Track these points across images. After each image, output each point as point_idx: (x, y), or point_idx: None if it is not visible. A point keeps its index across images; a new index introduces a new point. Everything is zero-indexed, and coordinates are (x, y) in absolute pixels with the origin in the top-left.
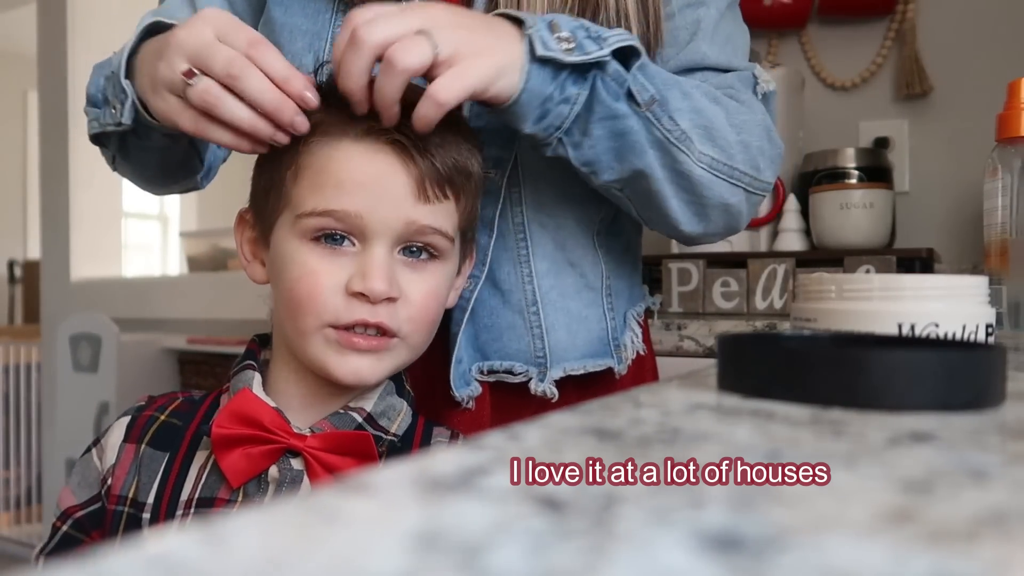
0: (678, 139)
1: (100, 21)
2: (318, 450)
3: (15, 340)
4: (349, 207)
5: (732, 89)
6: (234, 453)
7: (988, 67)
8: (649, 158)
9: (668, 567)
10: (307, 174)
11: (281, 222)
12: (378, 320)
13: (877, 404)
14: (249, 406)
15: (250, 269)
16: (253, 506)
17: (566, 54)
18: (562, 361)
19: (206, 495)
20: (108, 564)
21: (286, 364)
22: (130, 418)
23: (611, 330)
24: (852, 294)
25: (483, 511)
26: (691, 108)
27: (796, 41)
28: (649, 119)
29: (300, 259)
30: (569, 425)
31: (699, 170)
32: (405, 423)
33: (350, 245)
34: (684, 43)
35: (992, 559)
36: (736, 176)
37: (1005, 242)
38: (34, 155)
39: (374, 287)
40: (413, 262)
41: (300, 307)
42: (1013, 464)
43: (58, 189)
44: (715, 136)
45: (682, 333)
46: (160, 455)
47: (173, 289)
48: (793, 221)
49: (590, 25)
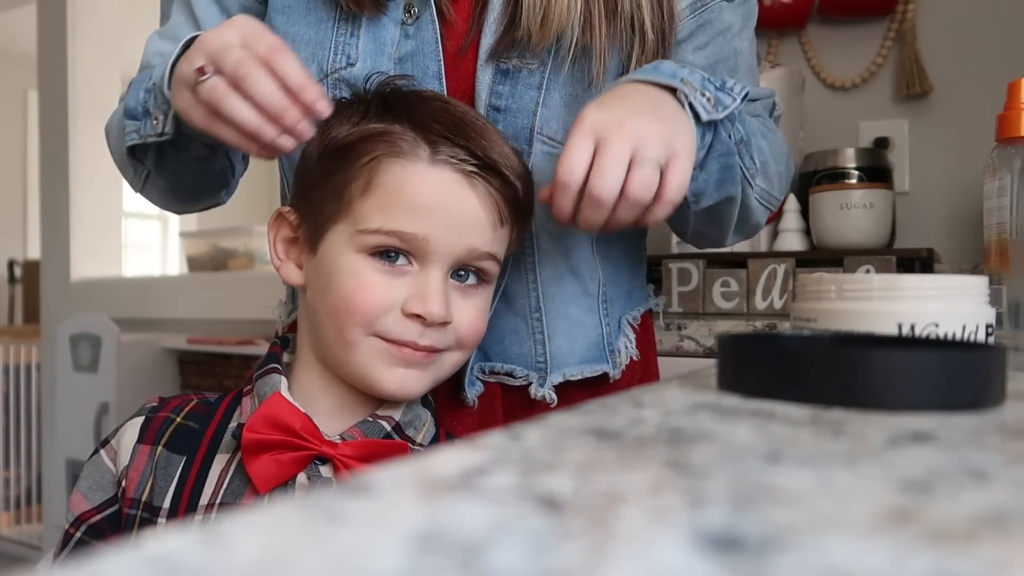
0: (752, 175)
1: (100, 21)
2: (350, 458)
3: (15, 340)
4: (418, 231)
5: (761, 117)
6: (262, 458)
7: (988, 67)
8: (739, 187)
9: (668, 567)
10: (378, 192)
11: (337, 231)
12: (428, 343)
13: (877, 404)
14: (280, 411)
15: (284, 269)
16: None
17: (715, 112)
18: (561, 367)
19: (229, 500)
20: (108, 564)
21: (314, 370)
22: (144, 419)
23: (606, 336)
24: (852, 294)
25: (483, 511)
26: (757, 147)
27: (796, 41)
28: (738, 156)
29: (358, 271)
30: (569, 425)
31: (754, 201)
32: (430, 433)
33: (406, 264)
34: (725, 76)
35: (992, 559)
36: (771, 202)
37: (1005, 242)
38: (34, 155)
39: (433, 311)
40: (463, 287)
41: (352, 318)
42: (1013, 464)
43: (58, 189)
44: (768, 171)
45: (682, 333)
46: (177, 458)
47: (173, 289)
48: (793, 221)
49: (707, 76)
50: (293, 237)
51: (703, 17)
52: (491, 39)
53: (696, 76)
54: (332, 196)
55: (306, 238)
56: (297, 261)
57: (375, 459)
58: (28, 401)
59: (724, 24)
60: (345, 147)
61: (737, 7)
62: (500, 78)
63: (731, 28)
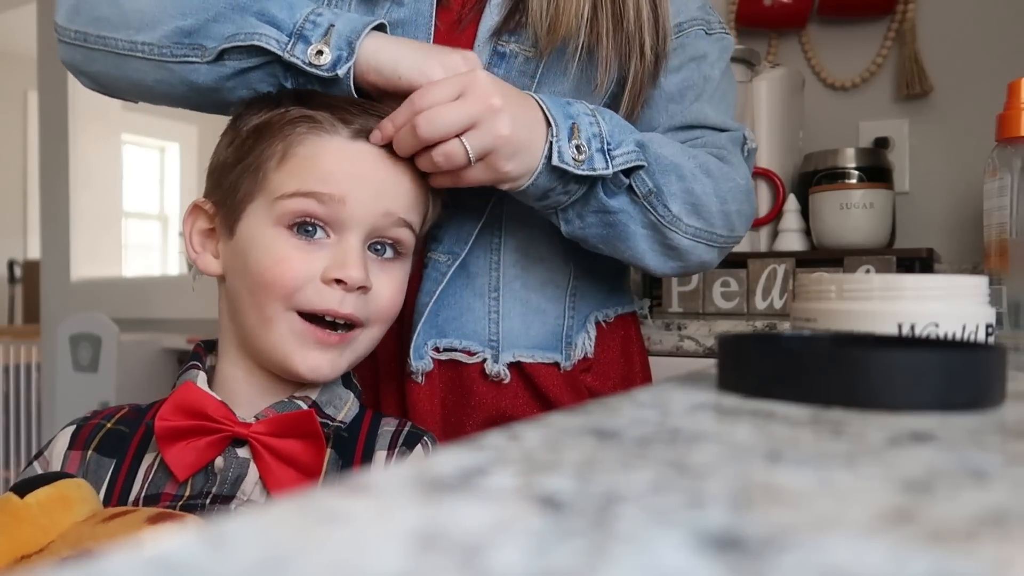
0: (669, 222)
1: None
2: (263, 435)
3: (15, 340)
4: (334, 191)
5: (724, 150)
6: (178, 446)
7: (988, 67)
8: (638, 239)
9: (668, 567)
10: (294, 161)
11: (253, 208)
12: (348, 311)
13: (877, 404)
14: (192, 398)
15: (201, 260)
16: (200, 499)
17: (576, 166)
18: (512, 347)
19: (152, 492)
20: (108, 564)
21: (235, 363)
22: (75, 427)
23: (566, 328)
24: (852, 294)
25: (483, 511)
26: (683, 190)
27: (796, 41)
28: (645, 207)
29: (274, 245)
30: (569, 425)
31: (685, 240)
32: (352, 412)
33: (324, 236)
34: (691, 101)
35: (992, 559)
36: (714, 239)
37: (1005, 242)
38: (34, 155)
39: (352, 274)
40: (380, 260)
41: (270, 292)
42: (1013, 464)
43: (58, 189)
44: (701, 211)
45: (682, 333)
46: (107, 461)
47: (173, 289)
48: (793, 221)
49: (609, 132)
50: (209, 228)
51: (679, 41)
52: (492, 21)
53: (602, 123)
54: (248, 175)
55: (223, 223)
56: (214, 252)
57: (287, 433)
58: (28, 401)
59: (699, 51)
60: (259, 128)
61: (715, 41)
62: (496, 60)
63: (706, 57)
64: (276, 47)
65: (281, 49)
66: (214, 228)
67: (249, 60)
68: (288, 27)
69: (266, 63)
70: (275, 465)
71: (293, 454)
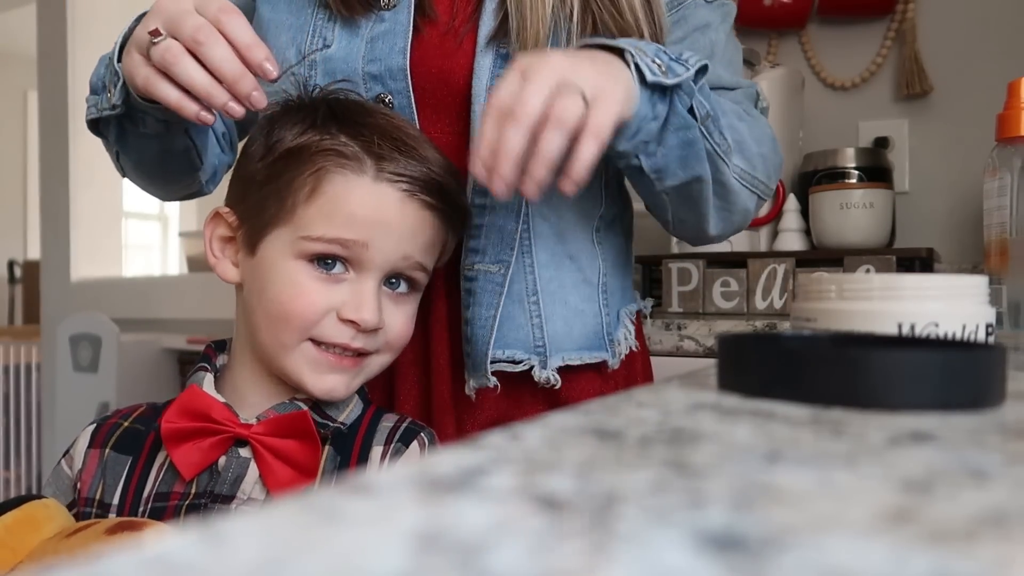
0: (724, 152)
1: (100, 21)
2: (263, 435)
3: (15, 340)
4: (359, 237)
5: (741, 105)
6: (184, 446)
7: (988, 67)
8: (706, 166)
9: (668, 567)
10: (322, 200)
11: (278, 235)
12: (358, 347)
13: (877, 404)
14: (197, 401)
15: (220, 266)
16: (205, 497)
17: (663, 76)
18: (560, 351)
19: (163, 490)
20: (108, 564)
21: (246, 368)
22: (95, 426)
23: (606, 325)
24: (852, 294)
25: (483, 511)
26: (729, 125)
27: (796, 41)
28: (704, 132)
29: (296, 279)
30: (569, 425)
31: (733, 180)
32: (354, 414)
33: (343, 271)
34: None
35: (992, 559)
36: (756, 185)
37: (1005, 242)
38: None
39: (367, 319)
40: (394, 294)
41: (288, 323)
42: (1013, 464)
43: (58, 189)
44: (744, 150)
45: (682, 333)
46: (124, 458)
47: (173, 289)
48: (793, 221)
49: (664, 48)
50: (230, 236)
51: (679, 14)
52: (489, 27)
53: (652, 47)
54: (276, 199)
55: (245, 239)
56: (233, 259)
57: (284, 433)
58: (28, 401)
59: (701, 20)
60: (292, 152)
61: (716, 8)
62: (500, 62)
63: (709, 24)
64: (95, 113)
65: (98, 111)
66: (234, 237)
67: (108, 130)
68: (98, 87)
69: (115, 122)
70: (275, 464)
71: (290, 453)
